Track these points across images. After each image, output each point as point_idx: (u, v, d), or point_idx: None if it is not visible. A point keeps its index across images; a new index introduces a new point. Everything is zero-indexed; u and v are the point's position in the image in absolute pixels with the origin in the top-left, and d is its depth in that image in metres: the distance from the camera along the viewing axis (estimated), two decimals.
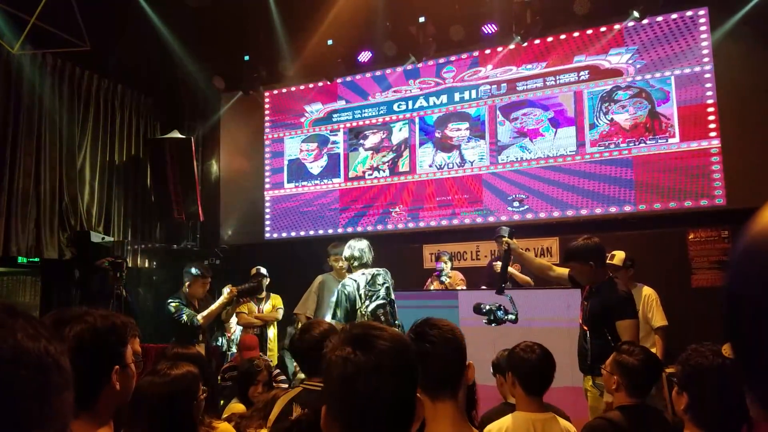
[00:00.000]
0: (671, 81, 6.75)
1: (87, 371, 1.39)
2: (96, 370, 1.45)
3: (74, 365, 1.36)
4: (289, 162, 8.73)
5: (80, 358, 1.36)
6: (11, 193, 7.02)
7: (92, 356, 1.43)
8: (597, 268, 3.79)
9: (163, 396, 2.06)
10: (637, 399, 2.60)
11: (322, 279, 5.80)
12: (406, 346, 1.07)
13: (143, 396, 2.02)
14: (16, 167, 7.08)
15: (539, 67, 7.37)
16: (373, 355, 1.01)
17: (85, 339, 1.43)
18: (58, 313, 1.50)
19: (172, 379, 2.10)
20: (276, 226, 8.70)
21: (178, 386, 2.09)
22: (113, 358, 1.49)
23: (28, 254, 7.34)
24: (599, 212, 6.92)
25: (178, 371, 2.14)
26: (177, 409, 2.09)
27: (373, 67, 8.19)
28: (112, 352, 1.50)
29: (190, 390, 2.14)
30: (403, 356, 1.04)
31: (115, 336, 1.51)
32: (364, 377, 0.99)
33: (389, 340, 1.03)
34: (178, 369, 2.15)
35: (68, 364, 0.65)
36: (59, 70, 7.65)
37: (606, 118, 7.02)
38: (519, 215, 7.29)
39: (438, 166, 7.84)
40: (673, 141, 6.69)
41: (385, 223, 8.01)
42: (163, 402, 2.06)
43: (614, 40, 7.04)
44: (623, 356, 2.68)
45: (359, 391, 0.99)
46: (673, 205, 6.63)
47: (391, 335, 1.05)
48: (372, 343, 1.02)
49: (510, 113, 7.50)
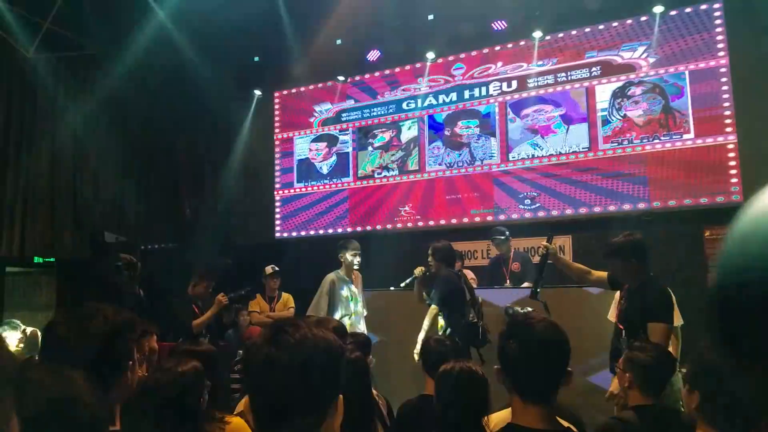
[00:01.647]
0: (686, 76, 6.65)
1: (104, 365, 1.43)
2: (114, 365, 1.49)
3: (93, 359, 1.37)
4: (299, 162, 8.75)
5: (101, 353, 1.43)
6: (27, 194, 7.12)
7: (113, 352, 1.48)
8: (638, 265, 3.61)
9: (168, 391, 2.08)
10: (651, 398, 2.56)
11: (332, 278, 5.79)
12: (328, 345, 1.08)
13: (149, 391, 2.05)
14: (31, 169, 7.17)
15: (550, 63, 7.29)
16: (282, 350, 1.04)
17: (105, 334, 1.47)
18: (72, 310, 1.54)
19: (177, 376, 2.12)
20: (286, 226, 8.71)
21: (182, 382, 2.11)
22: (129, 352, 1.54)
23: (44, 254, 7.43)
24: (613, 210, 6.83)
25: (183, 367, 2.15)
26: (182, 405, 2.10)
27: (382, 66, 8.16)
28: (127, 348, 1.54)
29: (194, 386, 2.15)
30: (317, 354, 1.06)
31: (129, 331, 1.55)
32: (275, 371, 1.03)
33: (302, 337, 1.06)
34: (184, 365, 2.17)
35: None
36: (73, 73, 7.73)
37: (619, 114, 6.93)
38: (531, 213, 7.23)
39: (447, 165, 7.80)
40: (688, 137, 6.59)
41: (395, 222, 7.99)
42: (168, 397, 2.07)
43: (626, 35, 6.95)
44: (635, 353, 2.64)
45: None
46: (688, 201, 6.53)
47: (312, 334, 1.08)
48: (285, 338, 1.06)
49: (521, 110, 7.44)
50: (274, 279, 6.16)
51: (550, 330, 1.64)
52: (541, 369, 1.61)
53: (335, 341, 1.09)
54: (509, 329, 1.67)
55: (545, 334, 1.62)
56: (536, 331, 1.62)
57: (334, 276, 5.69)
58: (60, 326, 1.47)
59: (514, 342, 1.62)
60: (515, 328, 1.66)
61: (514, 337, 1.63)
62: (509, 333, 1.65)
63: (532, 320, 1.66)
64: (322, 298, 5.59)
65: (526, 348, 1.60)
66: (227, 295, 5.25)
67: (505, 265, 6.29)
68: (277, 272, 6.17)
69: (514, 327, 1.67)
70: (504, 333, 1.67)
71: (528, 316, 1.70)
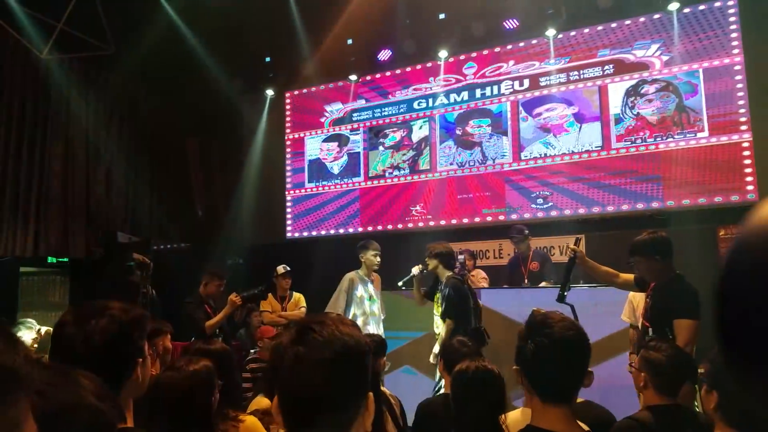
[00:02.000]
0: (699, 74, 6.58)
1: (114, 364, 1.43)
2: (122, 363, 1.48)
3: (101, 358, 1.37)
4: (310, 162, 8.75)
5: (108, 352, 1.42)
6: (40, 195, 7.18)
7: (120, 350, 1.47)
8: (663, 262, 3.60)
9: (180, 390, 2.09)
10: (666, 397, 2.52)
11: (352, 277, 5.78)
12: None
13: (162, 390, 2.06)
14: (45, 169, 7.23)
15: (562, 61, 7.25)
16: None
17: (113, 332, 1.46)
18: (80, 308, 1.52)
19: (190, 374, 2.13)
20: (297, 226, 8.72)
21: (194, 381, 2.12)
22: (137, 350, 1.53)
23: (57, 254, 7.49)
24: (626, 209, 6.77)
25: (195, 366, 2.16)
26: (195, 403, 2.11)
27: (393, 66, 8.15)
28: (136, 345, 1.53)
29: (206, 384, 2.16)
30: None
31: (137, 329, 1.54)
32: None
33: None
34: (195, 364, 2.18)
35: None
36: (85, 74, 7.79)
37: (632, 112, 6.88)
38: (543, 212, 7.19)
39: (459, 164, 7.77)
40: (702, 135, 6.53)
41: (406, 222, 7.97)
42: (181, 396, 2.08)
43: (639, 33, 6.90)
44: (650, 352, 2.60)
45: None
46: (702, 200, 6.46)
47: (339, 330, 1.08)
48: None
49: (533, 109, 7.40)
50: (286, 278, 6.16)
51: (570, 330, 1.61)
52: (562, 369, 1.59)
53: (362, 338, 1.09)
54: (528, 330, 1.64)
55: (565, 333, 1.59)
56: (556, 331, 1.59)
57: (354, 275, 5.69)
58: (68, 325, 1.47)
59: (533, 342, 1.60)
60: (534, 328, 1.63)
61: (534, 338, 1.61)
62: (528, 333, 1.63)
63: (551, 320, 1.63)
64: (341, 295, 5.60)
65: (545, 348, 1.58)
66: (240, 295, 5.24)
67: (524, 264, 6.23)
68: (288, 272, 6.16)
69: (533, 327, 1.64)
70: (523, 333, 1.65)
71: (547, 315, 1.66)
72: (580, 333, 1.63)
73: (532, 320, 1.65)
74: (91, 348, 1.41)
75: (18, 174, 6.96)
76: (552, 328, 1.60)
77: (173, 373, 2.14)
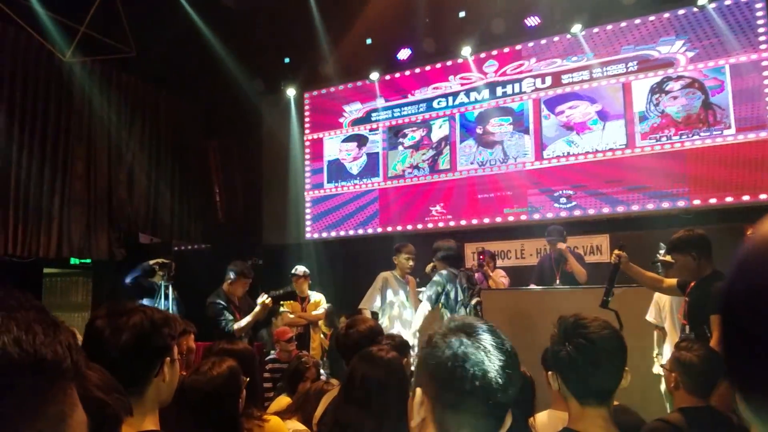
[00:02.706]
0: (726, 70, 6.46)
1: (141, 359, 1.47)
2: (149, 359, 1.51)
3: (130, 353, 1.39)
4: (329, 162, 8.74)
5: (136, 346, 1.45)
6: (63, 196, 7.25)
7: (148, 346, 1.49)
8: (700, 260, 3.57)
9: (206, 393, 2.09)
10: (698, 399, 2.45)
11: (386, 276, 5.77)
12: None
13: (188, 393, 2.07)
14: (67, 170, 7.31)
15: (585, 58, 7.16)
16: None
17: (144, 328, 1.48)
18: (113, 305, 1.56)
19: (215, 377, 2.13)
20: (316, 227, 8.72)
21: (220, 383, 2.12)
22: (166, 349, 1.55)
23: (80, 255, 7.56)
24: (651, 208, 6.67)
25: (219, 369, 2.16)
26: (221, 406, 2.12)
27: (413, 65, 8.12)
28: (166, 344, 1.55)
29: (232, 386, 2.16)
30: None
31: (168, 328, 1.57)
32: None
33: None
34: (220, 366, 2.17)
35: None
36: (107, 76, 7.87)
37: (657, 110, 6.77)
38: (566, 212, 7.10)
39: (480, 163, 7.71)
40: (729, 133, 6.40)
41: (426, 222, 7.93)
42: (206, 399, 2.09)
43: (664, 29, 6.79)
44: (682, 353, 2.55)
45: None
46: (729, 199, 6.34)
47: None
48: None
49: (555, 107, 7.31)
50: (305, 280, 6.17)
51: (606, 329, 1.61)
52: (601, 370, 1.57)
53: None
54: (563, 333, 1.63)
55: (602, 333, 1.58)
56: (592, 332, 1.58)
57: (389, 275, 5.67)
58: (99, 319, 1.50)
59: (571, 345, 1.59)
60: (570, 331, 1.62)
61: (570, 341, 1.59)
62: (564, 337, 1.61)
63: (585, 321, 1.62)
64: (375, 291, 5.59)
65: (584, 350, 1.56)
66: (268, 295, 5.18)
67: (557, 266, 6.07)
68: (307, 274, 6.17)
69: (568, 330, 1.62)
70: (557, 337, 1.64)
71: (579, 317, 1.64)
72: (615, 332, 1.62)
73: (565, 323, 1.64)
74: (120, 342, 1.44)
75: (41, 175, 7.04)
76: (588, 329, 1.59)
77: (197, 376, 2.15)
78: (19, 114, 6.83)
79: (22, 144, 6.84)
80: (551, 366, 1.70)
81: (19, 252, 6.77)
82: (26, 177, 6.87)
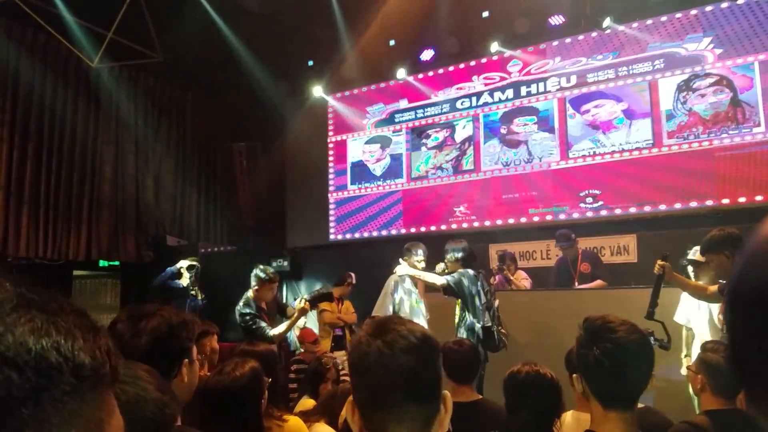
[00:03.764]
0: (755, 67, 6.34)
1: (160, 363, 1.46)
2: (169, 362, 1.54)
3: (150, 356, 1.41)
4: (352, 164, 8.77)
5: (155, 349, 1.49)
6: (92, 199, 7.39)
7: (166, 348, 1.53)
8: (734, 259, 3.50)
9: (229, 393, 2.12)
10: (724, 401, 2.42)
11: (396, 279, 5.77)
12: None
13: (211, 393, 2.11)
14: (96, 174, 7.45)
15: (611, 57, 7.08)
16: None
17: (162, 332, 1.52)
18: (133, 309, 1.61)
19: (237, 377, 2.16)
20: (340, 228, 8.75)
21: (242, 384, 2.15)
22: (183, 352, 1.59)
23: (109, 258, 7.69)
24: (679, 207, 6.57)
25: (241, 369, 2.19)
26: (243, 406, 2.15)
27: (436, 65, 8.11)
28: (183, 346, 1.59)
29: (254, 386, 2.19)
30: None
31: (186, 331, 1.60)
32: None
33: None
34: (242, 367, 2.20)
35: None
36: (134, 81, 8.01)
37: (684, 108, 6.66)
38: (593, 212, 7.02)
39: (504, 163, 7.67)
40: (759, 130, 6.28)
41: (450, 223, 7.91)
42: (229, 399, 2.12)
43: (690, 26, 6.69)
44: (708, 354, 2.52)
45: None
46: (759, 198, 6.21)
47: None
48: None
49: (581, 106, 7.24)
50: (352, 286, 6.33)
51: (635, 333, 1.56)
52: (628, 374, 1.54)
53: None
54: (591, 336, 1.58)
55: (630, 338, 1.54)
56: (621, 336, 1.54)
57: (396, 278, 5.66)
58: (120, 323, 1.54)
59: (598, 348, 1.54)
60: (597, 334, 1.57)
61: (598, 344, 1.55)
62: (592, 339, 1.57)
63: (613, 324, 1.57)
64: (386, 299, 5.59)
65: (612, 354, 1.52)
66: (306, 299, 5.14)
67: (573, 267, 6.08)
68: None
69: (595, 333, 1.58)
70: (584, 340, 1.59)
71: (606, 320, 1.59)
72: (643, 336, 1.58)
73: (593, 326, 1.60)
74: (140, 345, 1.48)
75: (71, 179, 7.18)
76: (616, 333, 1.55)
77: (220, 377, 2.18)
78: (49, 119, 6.98)
79: (51, 148, 6.99)
80: (576, 368, 1.66)
81: (50, 255, 6.91)
82: (56, 181, 7.02)
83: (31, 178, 6.75)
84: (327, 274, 7.85)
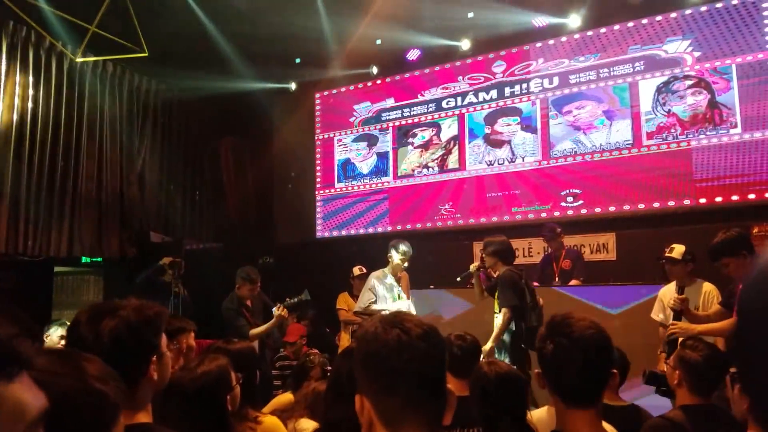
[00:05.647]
0: (732, 70, 6.47)
1: (125, 364, 1.40)
2: (134, 363, 1.48)
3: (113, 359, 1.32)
4: (339, 162, 8.81)
5: (118, 352, 1.42)
6: (75, 196, 7.31)
7: (129, 350, 1.47)
8: (750, 258, 3.58)
9: (192, 390, 2.07)
10: (700, 397, 2.48)
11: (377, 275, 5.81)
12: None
13: (174, 390, 2.02)
14: (79, 171, 7.37)
15: (592, 59, 7.19)
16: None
17: (122, 334, 1.46)
18: (93, 309, 1.54)
19: (200, 374, 2.11)
20: (327, 225, 8.79)
21: (205, 381, 2.10)
22: (149, 349, 1.53)
23: (91, 254, 7.63)
24: (657, 206, 6.70)
25: (207, 366, 2.14)
26: (207, 403, 2.09)
27: (422, 65, 8.17)
28: (148, 344, 1.53)
29: (219, 384, 2.13)
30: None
31: (149, 328, 1.53)
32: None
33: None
34: (208, 364, 2.16)
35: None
36: (118, 76, 7.94)
37: (663, 109, 6.79)
38: (573, 210, 7.14)
39: (488, 162, 7.75)
40: (735, 132, 6.42)
41: (435, 220, 7.98)
42: (191, 396, 2.07)
43: (670, 29, 6.81)
44: (687, 352, 2.57)
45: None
46: (735, 198, 6.36)
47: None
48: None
49: (563, 107, 7.35)
50: (361, 280, 6.26)
51: (591, 329, 1.53)
52: (583, 371, 1.49)
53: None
54: (548, 330, 1.57)
55: (585, 333, 1.51)
56: (575, 331, 1.51)
57: (380, 273, 5.71)
58: (81, 325, 1.48)
59: (552, 343, 1.53)
60: (554, 328, 1.56)
61: (553, 338, 1.53)
62: (548, 334, 1.55)
63: (571, 320, 1.55)
64: (366, 294, 5.64)
65: (565, 349, 1.50)
66: (284, 305, 5.25)
67: (556, 262, 6.22)
68: (364, 274, 6.22)
69: (553, 328, 1.56)
70: (542, 334, 1.58)
71: (567, 316, 1.56)
72: (601, 332, 1.54)
73: (552, 321, 1.58)
74: (102, 347, 1.41)
75: (53, 175, 7.10)
76: (572, 327, 1.52)
77: (183, 372, 2.13)
78: (31, 113, 6.88)
79: (33, 143, 6.90)
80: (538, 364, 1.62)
81: (30, 251, 6.81)
82: (38, 176, 6.92)
83: (12, 173, 6.64)
84: (313, 271, 7.88)
